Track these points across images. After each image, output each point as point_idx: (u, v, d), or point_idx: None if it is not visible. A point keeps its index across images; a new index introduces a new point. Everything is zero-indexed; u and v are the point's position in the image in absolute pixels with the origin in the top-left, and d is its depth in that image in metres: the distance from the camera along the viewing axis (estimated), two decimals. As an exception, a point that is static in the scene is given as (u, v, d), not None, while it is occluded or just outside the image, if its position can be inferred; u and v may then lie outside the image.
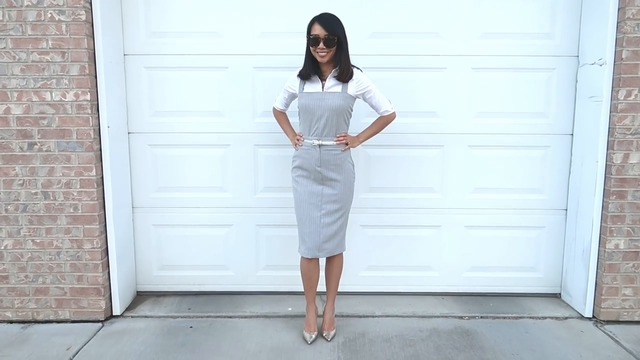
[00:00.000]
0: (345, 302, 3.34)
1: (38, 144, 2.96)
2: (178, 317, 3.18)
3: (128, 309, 3.29)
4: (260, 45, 3.24)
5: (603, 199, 3.09)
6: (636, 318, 3.13)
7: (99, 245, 3.05)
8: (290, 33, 3.13)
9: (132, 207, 3.40)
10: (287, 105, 2.94)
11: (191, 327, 3.04)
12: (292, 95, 2.85)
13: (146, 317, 3.18)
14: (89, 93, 2.92)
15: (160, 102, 3.30)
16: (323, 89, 2.69)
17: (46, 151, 2.96)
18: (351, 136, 2.81)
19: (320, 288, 2.99)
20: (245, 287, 3.50)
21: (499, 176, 3.38)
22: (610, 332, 3.01)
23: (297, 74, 2.77)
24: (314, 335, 2.85)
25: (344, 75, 2.68)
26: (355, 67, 2.74)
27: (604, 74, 2.99)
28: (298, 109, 2.79)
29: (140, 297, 3.46)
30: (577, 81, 3.26)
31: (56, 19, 2.84)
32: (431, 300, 3.43)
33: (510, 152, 3.35)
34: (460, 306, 3.33)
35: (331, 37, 2.59)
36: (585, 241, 3.18)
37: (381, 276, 3.49)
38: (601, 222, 3.10)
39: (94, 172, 2.99)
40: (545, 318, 3.19)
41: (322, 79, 2.72)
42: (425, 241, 3.45)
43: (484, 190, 3.39)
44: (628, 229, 3.06)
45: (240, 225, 3.43)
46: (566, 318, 3.19)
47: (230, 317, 3.17)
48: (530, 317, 3.19)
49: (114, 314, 3.18)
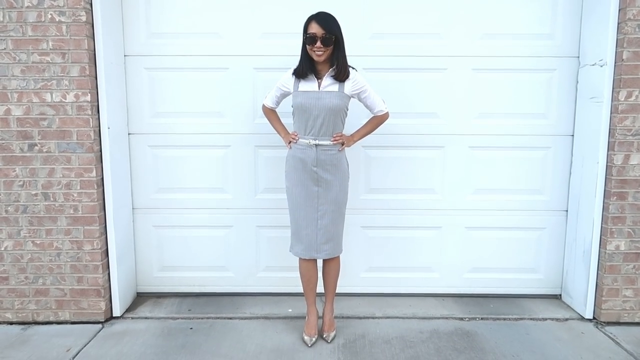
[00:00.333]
0: (345, 304, 3.34)
1: (38, 145, 2.96)
2: (178, 318, 3.17)
3: (128, 310, 3.28)
4: (260, 46, 3.24)
5: (604, 200, 3.08)
6: (637, 319, 3.13)
7: (99, 246, 3.05)
8: (290, 34, 3.12)
9: (133, 208, 3.40)
10: (278, 103, 2.90)
11: (191, 329, 3.03)
12: (285, 93, 2.82)
13: (146, 319, 3.18)
14: (90, 94, 2.91)
15: (160, 103, 3.30)
16: (320, 88, 2.68)
17: (46, 152, 2.96)
18: (346, 136, 2.81)
19: (319, 289, 2.99)
20: (245, 288, 3.50)
21: (500, 177, 3.37)
22: (610, 334, 3.00)
23: (292, 72, 2.75)
24: (314, 338, 2.84)
25: (341, 74, 2.67)
26: (350, 67, 2.73)
27: (605, 75, 2.98)
28: (293, 108, 2.76)
29: (140, 298, 3.46)
30: (578, 82, 3.25)
31: (56, 20, 2.84)
32: (431, 301, 3.43)
33: (510, 153, 3.35)
34: (460, 307, 3.33)
35: (328, 36, 2.58)
36: (585, 242, 3.18)
37: (381, 277, 3.48)
38: (602, 223, 3.10)
39: (94, 173, 2.98)
40: (545, 319, 3.18)
41: (318, 78, 2.70)
42: (425, 242, 3.45)
43: (485, 191, 3.39)
44: (629, 230, 3.06)
45: (240, 226, 3.43)
46: (567, 319, 3.19)
47: (230, 319, 3.17)
48: (530, 319, 3.19)
49: (114, 315, 3.18)
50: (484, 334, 2.98)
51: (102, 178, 3.05)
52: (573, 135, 3.32)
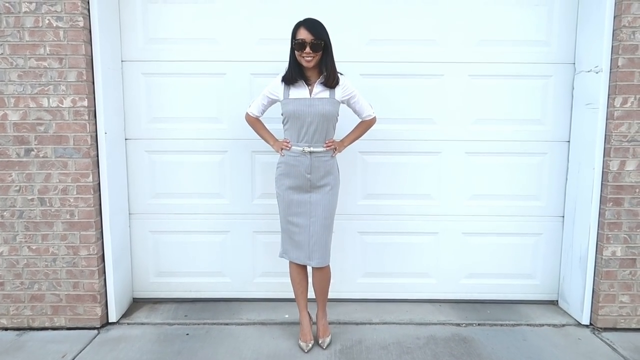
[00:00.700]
0: (342, 309, 3.34)
1: (35, 150, 2.95)
2: (174, 324, 3.16)
3: (124, 316, 3.27)
4: (258, 51, 3.25)
5: (600, 206, 3.09)
6: (633, 325, 3.13)
7: (95, 251, 3.04)
8: (287, 40, 3.09)
9: (129, 214, 3.40)
10: (264, 111, 2.87)
11: (187, 334, 3.02)
12: (273, 101, 2.80)
13: (142, 324, 3.17)
14: (87, 99, 2.92)
15: (157, 109, 3.30)
16: (311, 95, 2.67)
17: (43, 157, 2.96)
18: (337, 142, 2.82)
19: (311, 295, 2.98)
20: (242, 294, 3.49)
21: (496, 183, 3.38)
22: (607, 340, 3.00)
23: (281, 79, 2.73)
24: (311, 344, 2.83)
25: (331, 80, 2.66)
26: (339, 73, 2.72)
27: (600, 82, 3.00)
28: (284, 116, 2.75)
29: (136, 304, 3.45)
30: (574, 88, 3.27)
31: (54, 26, 2.85)
32: (428, 307, 3.42)
33: (507, 159, 3.36)
34: (457, 313, 3.33)
35: (317, 42, 2.57)
36: (582, 248, 3.18)
37: (378, 283, 3.48)
38: (598, 229, 3.11)
39: (91, 179, 2.98)
40: (542, 325, 3.18)
41: (308, 84, 2.70)
42: (422, 248, 3.45)
43: (481, 197, 3.40)
44: (625, 236, 3.07)
45: (237, 231, 3.43)
46: (563, 325, 3.19)
47: (226, 324, 3.16)
48: (527, 325, 3.19)
49: (110, 321, 3.17)
50: (481, 340, 2.98)
51: (99, 183, 3.05)
52: (569, 141, 3.33)
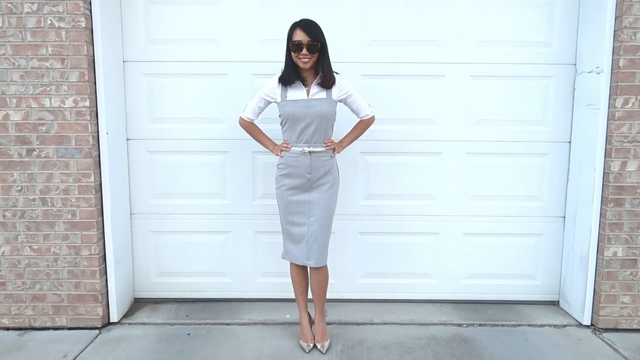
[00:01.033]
0: (343, 310, 3.34)
1: (37, 150, 2.96)
2: (176, 324, 3.16)
3: (125, 316, 3.27)
4: (259, 52, 3.25)
5: (601, 207, 3.09)
6: (634, 326, 3.13)
7: (97, 251, 3.05)
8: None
9: (130, 214, 3.40)
10: (259, 114, 2.84)
11: (189, 334, 3.03)
12: (269, 103, 2.79)
13: (144, 324, 3.17)
14: (88, 99, 2.92)
15: (159, 109, 3.31)
16: (308, 96, 2.68)
17: (45, 157, 2.96)
18: (336, 142, 2.83)
19: (310, 296, 2.98)
20: (243, 294, 3.49)
21: (497, 183, 3.38)
22: (608, 340, 3.00)
23: (277, 80, 2.71)
24: (312, 344, 2.83)
25: (327, 81, 2.67)
26: (335, 73, 2.72)
27: (602, 82, 3.00)
28: (281, 117, 2.74)
29: (137, 304, 3.45)
30: (575, 89, 3.27)
31: (56, 26, 2.85)
32: (429, 307, 3.42)
33: (508, 160, 3.36)
34: (458, 313, 3.33)
35: (314, 43, 2.57)
36: (583, 249, 3.19)
37: (379, 283, 3.48)
38: (599, 230, 3.11)
39: (93, 179, 2.99)
40: (543, 326, 3.18)
41: (305, 85, 2.70)
42: (423, 248, 3.45)
43: (482, 197, 3.40)
44: (626, 237, 3.07)
45: (238, 231, 3.43)
46: (564, 326, 3.19)
47: (228, 324, 3.16)
48: (528, 325, 3.19)
49: (112, 321, 3.17)
50: (482, 340, 2.98)
51: (100, 183, 3.05)
52: (570, 141, 3.33)
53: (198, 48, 3.25)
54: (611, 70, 2.99)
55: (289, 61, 2.67)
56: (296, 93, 2.69)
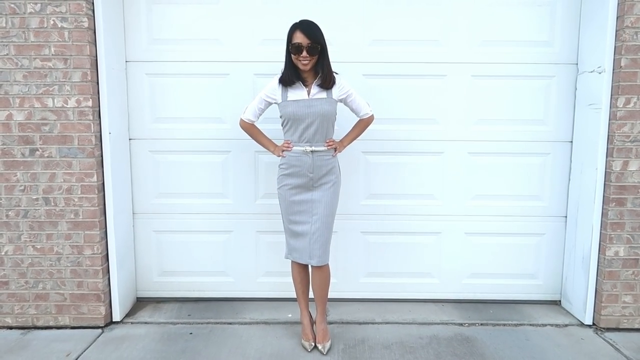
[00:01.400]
0: (344, 309, 3.35)
1: (39, 150, 2.97)
2: (178, 324, 3.17)
3: (128, 315, 3.29)
4: (261, 52, 3.26)
5: (603, 206, 3.09)
6: (636, 325, 3.13)
7: (100, 251, 3.06)
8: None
9: (133, 213, 3.41)
10: (259, 116, 2.85)
11: (191, 334, 3.04)
12: (270, 104, 2.80)
13: (146, 323, 3.18)
14: (91, 99, 2.93)
15: (161, 109, 3.32)
16: (309, 96, 2.68)
17: (47, 157, 2.98)
18: (337, 141, 2.84)
19: (311, 296, 2.98)
20: (245, 294, 3.50)
21: (499, 183, 3.38)
22: (610, 340, 3.00)
23: (278, 81, 2.72)
24: (313, 343, 2.84)
25: (327, 82, 2.67)
26: (334, 72, 2.73)
27: (603, 82, 3.00)
28: (283, 118, 2.75)
29: (140, 303, 3.46)
30: (577, 89, 3.27)
31: (59, 26, 2.86)
32: (431, 307, 3.43)
33: (510, 159, 3.36)
34: (460, 313, 3.33)
35: (314, 45, 2.58)
36: (585, 248, 3.19)
37: (381, 283, 3.49)
38: (601, 230, 3.11)
39: (95, 178, 3.00)
40: (545, 325, 3.18)
41: (305, 85, 2.70)
42: (425, 248, 3.46)
43: (484, 197, 3.40)
44: (628, 237, 3.07)
45: (240, 231, 3.44)
46: (566, 325, 3.19)
47: (230, 324, 3.17)
48: (530, 324, 3.19)
49: (114, 320, 3.18)
50: (484, 340, 2.98)
51: (103, 183, 3.06)
52: (572, 141, 3.33)
53: (200, 48, 3.26)
54: (613, 69, 2.99)
55: (289, 62, 2.67)
56: (297, 93, 2.70)
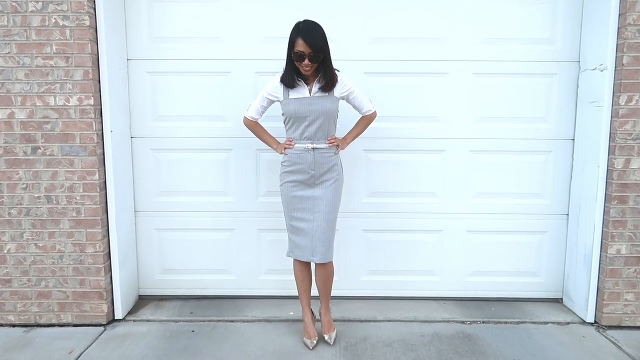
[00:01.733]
0: (347, 307, 3.35)
1: (42, 149, 2.98)
2: (180, 322, 3.18)
3: (130, 313, 3.29)
4: (262, 50, 3.25)
5: (605, 204, 3.09)
6: (638, 323, 3.12)
7: (102, 249, 3.06)
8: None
9: (135, 212, 3.41)
10: (262, 114, 2.86)
11: (193, 332, 3.04)
12: (272, 102, 2.81)
13: (148, 321, 3.19)
14: (93, 98, 2.93)
15: (163, 107, 3.32)
16: (311, 94, 2.68)
17: (50, 156, 2.98)
18: (339, 139, 2.84)
19: (314, 293, 2.99)
20: (247, 292, 3.51)
21: (501, 181, 3.38)
22: (612, 338, 3.00)
23: (280, 80, 2.72)
24: (315, 341, 2.85)
25: (329, 86, 2.67)
26: (335, 70, 2.72)
27: (605, 80, 3.00)
28: (285, 116, 2.76)
29: (142, 301, 3.47)
30: (579, 87, 3.27)
31: (60, 25, 2.87)
32: (433, 305, 3.43)
33: (512, 158, 3.36)
34: (462, 311, 3.33)
35: (317, 55, 2.57)
36: (587, 246, 3.18)
37: (383, 281, 3.49)
38: (603, 228, 3.11)
39: (97, 177, 3.00)
40: (547, 323, 3.19)
41: (307, 83, 2.70)
42: (427, 246, 3.46)
43: (486, 195, 3.40)
44: (630, 234, 3.06)
45: (242, 229, 3.44)
46: (568, 323, 3.19)
47: (232, 322, 3.18)
48: (532, 323, 3.19)
49: (116, 318, 3.19)
50: (486, 338, 2.98)
51: (105, 181, 3.07)
52: (574, 139, 3.32)
53: (201, 46, 3.26)
54: (615, 67, 2.98)
55: (290, 64, 2.66)
56: (299, 91, 2.70)
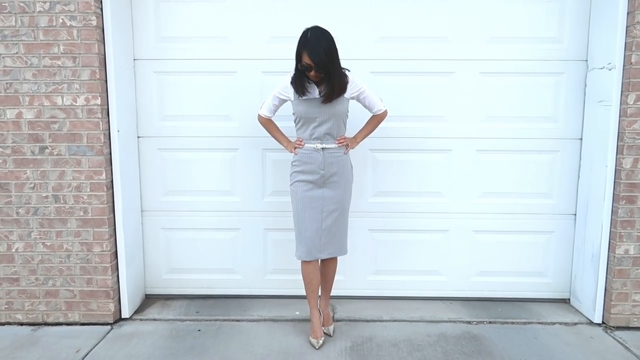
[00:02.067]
0: (352, 307, 3.35)
1: (49, 148, 2.99)
2: (186, 320, 3.19)
3: (137, 312, 3.31)
4: (268, 49, 3.26)
5: (612, 204, 3.07)
6: (646, 324, 3.11)
7: (109, 248, 3.08)
8: (298, 38, 3.14)
9: (141, 211, 3.43)
10: (275, 112, 2.89)
11: (199, 331, 3.05)
12: (284, 101, 2.83)
13: (155, 320, 3.20)
14: (100, 97, 2.95)
15: (169, 107, 3.33)
16: (320, 95, 2.69)
17: (57, 155, 3.00)
18: (349, 138, 2.85)
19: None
20: (253, 291, 3.51)
21: (507, 181, 3.37)
22: (620, 338, 2.98)
23: (290, 82, 2.73)
24: (321, 340, 2.85)
25: (331, 97, 2.65)
26: (345, 70, 2.72)
27: (613, 78, 2.97)
28: (295, 115, 2.78)
29: (148, 300, 3.48)
30: (586, 85, 3.24)
31: (67, 25, 2.88)
32: (439, 305, 3.42)
33: (518, 157, 3.34)
34: (468, 311, 3.32)
35: (322, 69, 2.58)
36: (594, 246, 3.16)
37: (389, 280, 3.48)
38: (610, 227, 3.08)
39: (104, 176, 3.01)
40: (554, 323, 3.17)
41: (317, 85, 2.70)
42: (432, 246, 3.45)
43: (492, 194, 3.38)
44: (638, 234, 3.04)
45: (248, 229, 3.45)
46: (575, 324, 3.17)
47: (238, 321, 3.18)
48: (539, 323, 3.17)
49: (123, 317, 3.20)
50: (492, 338, 2.97)
51: (112, 181, 3.08)
52: (581, 138, 3.30)
53: (208, 46, 3.27)
54: (623, 66, 2.96)
55: (298, 71, 2.66)
56: (309, 92, 2.71)
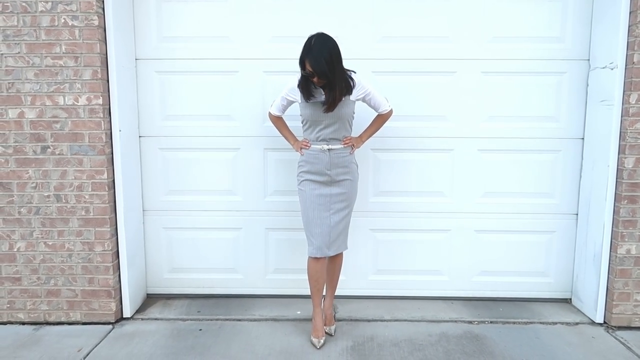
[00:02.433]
0: (354, 306, 3.35)
1: (51, 148, 3.00)
2: (188, 320, 3.19)
3: (138, 311, 3.31)
4: (270, 49, 3.26)
5: (614, 204, 3.06)
6: (648, 324, 3.11)
7: (110, 247, 3.08)
8: (300, 37, 3.11)
9: (143, 210, 3.43)
10: (284, 111, 2.94)
11: (200, 330, 3.05)
12: (291, 102, 2.87)
13: (156, 320, 3.20)
14: (101, 97, 2.95)
15: (171, 106, 3.33)
16: (323, 104, 2.69)
17: (59, 155, 3.00)
18: (355, 138, 2.88)
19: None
20: (254, 290, 3.51)
21: (509, 180, 3.36)
22: (621, 338, 2.98)
23: (297, 85, 2.75)
24: (322, 340, 2.85)
25: (332, 106, 2.66)
26: (350, 72, 2.74)
27: (615, 78, 2.97)
28: (302, 117, 2.81)
29: (150, 300, 3.48)
30: (588, 85, 3.24)
31: (69, 24, 2.88)
32: (440, 304, 3.42)
33: (520, 156, 3.33)
34: (469, 311, 3.32)
35: (323, 76, 2.59)
36: (596, 246, 3.16)
37: (390, 280, 3.48)
38: (612, 227, 3.08)
39: (106, 176, 3.02)
40: (555, 323, 3.17)
41: (323, 89, 2.70)
42: (434, 245, 3.44)
43: (494, 194, 3.38)
44: (640, 234, 3.04)
45: (249, 228, 3.45)
46: (577, 323, 3.17)
47: (239, 320, 3.18)
48: (540, 322, 3.17)
49: (125, 316, 3.21)
50: (493, 338, 2.97)
51: (113, 180, 3.08)
52: (583, 138, 3.30)
53: (209, 45, 3.27)
54: (625, 65, 2.96)
55: (303, 76, 2.69)
56: (314, 96, 2.72)
